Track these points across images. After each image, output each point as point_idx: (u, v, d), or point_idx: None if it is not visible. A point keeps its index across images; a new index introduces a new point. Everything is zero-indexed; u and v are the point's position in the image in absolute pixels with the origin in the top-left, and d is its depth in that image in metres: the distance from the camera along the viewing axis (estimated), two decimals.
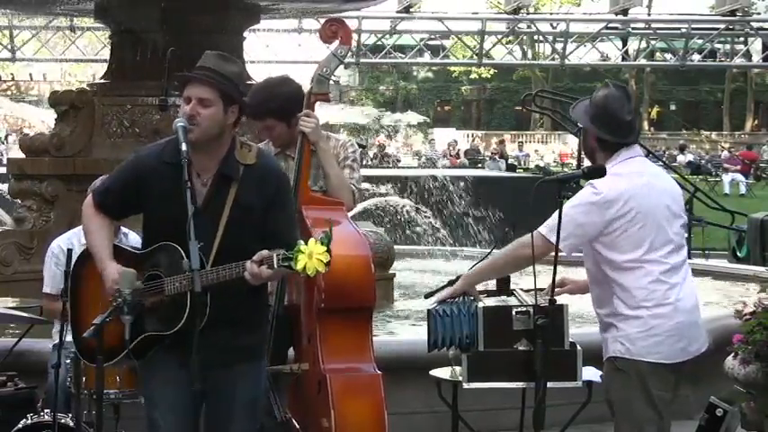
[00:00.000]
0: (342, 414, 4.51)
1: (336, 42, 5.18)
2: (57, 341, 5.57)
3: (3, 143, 37.82)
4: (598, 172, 4.56)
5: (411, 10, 30.26)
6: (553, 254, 4.37)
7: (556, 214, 4.36)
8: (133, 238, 5.61)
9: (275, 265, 3.89)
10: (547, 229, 4.46)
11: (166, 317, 4.06)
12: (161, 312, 4.08)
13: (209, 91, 4.13)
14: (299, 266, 3.79)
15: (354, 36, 32.11)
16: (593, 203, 4.46)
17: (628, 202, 4.45)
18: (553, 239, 4.37)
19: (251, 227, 4.09)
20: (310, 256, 3.78)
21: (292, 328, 5.04)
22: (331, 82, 5.17)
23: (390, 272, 9.50)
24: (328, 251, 3.79)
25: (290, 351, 5.16)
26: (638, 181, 4.53)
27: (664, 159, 23.00)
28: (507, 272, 4.79)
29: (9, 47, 30.75)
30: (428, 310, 4.71)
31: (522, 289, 4.92)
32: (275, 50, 31.28)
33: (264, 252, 3.93)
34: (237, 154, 4.18)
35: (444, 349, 4.66)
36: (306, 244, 3.80)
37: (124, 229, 5.77)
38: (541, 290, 4.66)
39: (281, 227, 4.13)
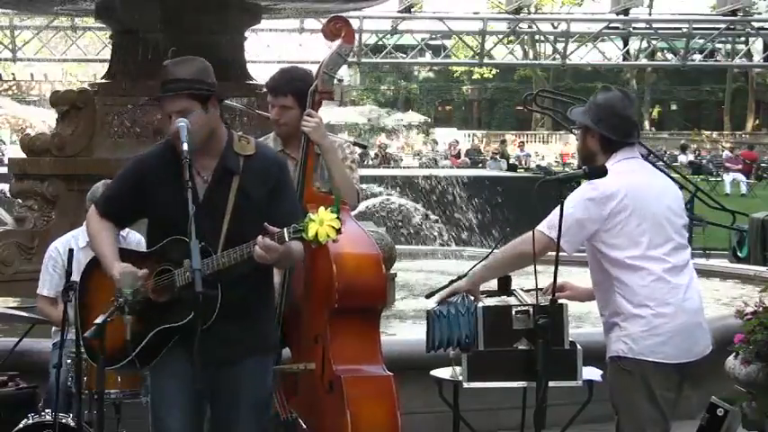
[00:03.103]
0: (356, 415, 4.48)
1: (339, 41, 5.12)
2: (57, 341, 5.56)
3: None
4: (600, 172, 4.55)
5: (412, 10, 30.31)
6: (553, 253, 4.35)
7: (556, 211, 4.36)
8: (133, 239, 5.60)
9: (286, 238, 3.87)
10: (547, 225, 4.46)
11: (179, 309, 4.06)
12: (173, 305, 4.09)
13: (181, 102, 4.12)
14: (311, 233, 3.76)
15: (356, 36, 32.28)
16: (591, 199, 4.45)
17: (625, 198, 4.44)
18: (553, 235, 4.36)
19: (256, 215, 4.07)
20: (321, 222, 3.75)
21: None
22: (335, 81, 5.13)
23: (391, 272, 9.50)
24: (338, 219, 3.76)
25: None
26: (635, 178, 4.52)
27: (665, 159, 22.96)
28: (509, 270, 4.78)
29: (10, 47, 30.79)
30: (427, 312, 4.70)
31: (522, 289, 4.92)
32: (276, 50, 31.30)
33: (275, 228, 3.92)
34: (236, 146, 4.21)
35: (442, 350, 4.66)
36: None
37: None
38: (541, 290, 4.66)
39: (287, 212, 4.11)
